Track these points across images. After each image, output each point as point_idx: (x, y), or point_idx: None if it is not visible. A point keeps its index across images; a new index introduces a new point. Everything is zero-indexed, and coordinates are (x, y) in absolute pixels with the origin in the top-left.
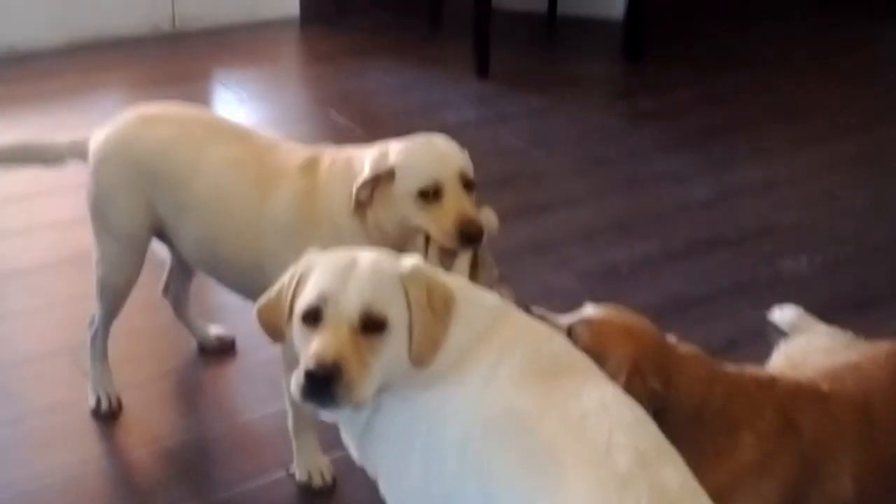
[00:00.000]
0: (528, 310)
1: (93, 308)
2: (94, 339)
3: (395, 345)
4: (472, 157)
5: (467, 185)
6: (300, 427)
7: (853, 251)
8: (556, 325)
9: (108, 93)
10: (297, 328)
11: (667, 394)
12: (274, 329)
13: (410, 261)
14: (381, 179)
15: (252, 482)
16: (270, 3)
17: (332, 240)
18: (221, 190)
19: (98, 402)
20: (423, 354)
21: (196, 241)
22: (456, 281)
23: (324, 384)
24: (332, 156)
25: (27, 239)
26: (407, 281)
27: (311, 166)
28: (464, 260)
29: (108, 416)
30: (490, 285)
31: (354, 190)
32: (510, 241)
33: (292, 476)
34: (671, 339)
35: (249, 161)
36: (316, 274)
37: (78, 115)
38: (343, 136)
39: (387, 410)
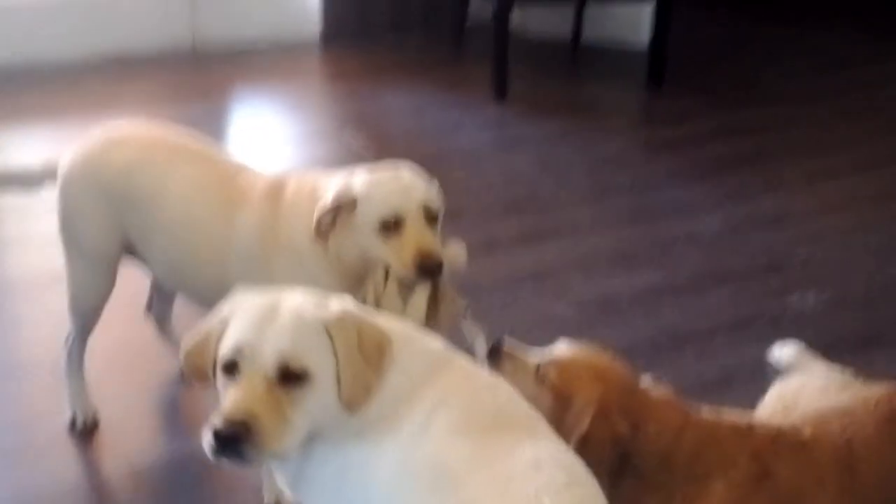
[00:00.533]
0: (499, 343)
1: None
2: (69, 355)
3: (319, 394)
4: (482, 181)
5: (430, 218)
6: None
7: (862, 289)
8: (524, 363)
9: (126, 108)
10: (219, 377)
11: (634, 438)
12: (199, 373)
13: (339, 304)
14: (344, 208)
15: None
16: (292, 23)
17: (294, 267)
18: (186, 214)
19: (74, 417)
20: (353, 401)
21: (163, 263)
22: (396, 325)
23: (232, 442)
24: (297, 182)
25: (21, 250)
26: (332, 327)
27: (275, 192)
28: (422, 293)
29: (83, 433)
30: (453, 319)
31: (315, 217)
32: (511, 268)
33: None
34: (646, 381)
35: (214, 185)
36: (235, 321)
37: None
38: (356, 157)
39: (319, 458)
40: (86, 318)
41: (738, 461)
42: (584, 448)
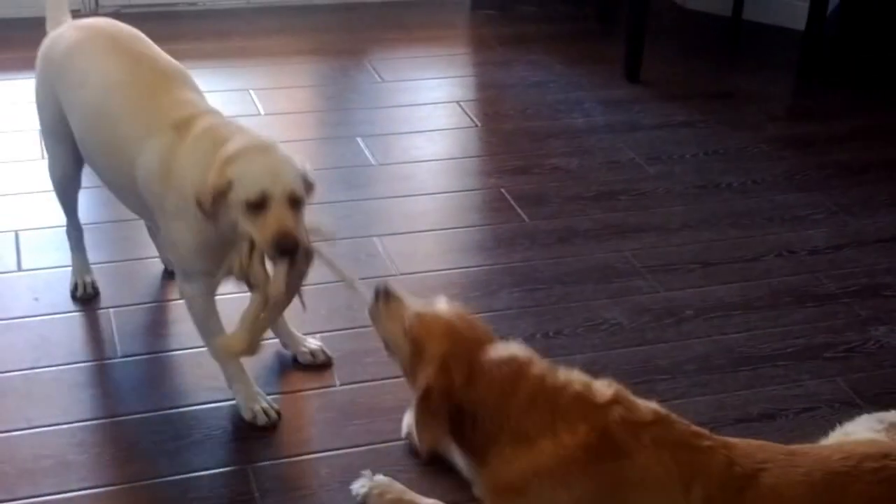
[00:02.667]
0: (388, 285)
1: None
2: (67, 232)
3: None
4: (583, 165)
5: (294, 201)
6: (232, 375)
7: None
8: (401, 309)
9: (268, 59)
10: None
11: (468, 392)
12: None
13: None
14: (220, 191)
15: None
16: None
17: (180, 211)
18: (105, 106)
19: (76, 287)
20: None
21: (79, 140)
22: None
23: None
24: (204, 127)
25: None
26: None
27: (184, 126)
28: (281, 267)
29: (84, 300)
30: (297, 289)
31: (196, 199)
32: (579, 262)
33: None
34: (513, 347)
35: (137, 92)
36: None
37: (242, 75)
38: (458, 132)
39: None
40: (61, 192)
41: (576, 429)
42: (427, 398)
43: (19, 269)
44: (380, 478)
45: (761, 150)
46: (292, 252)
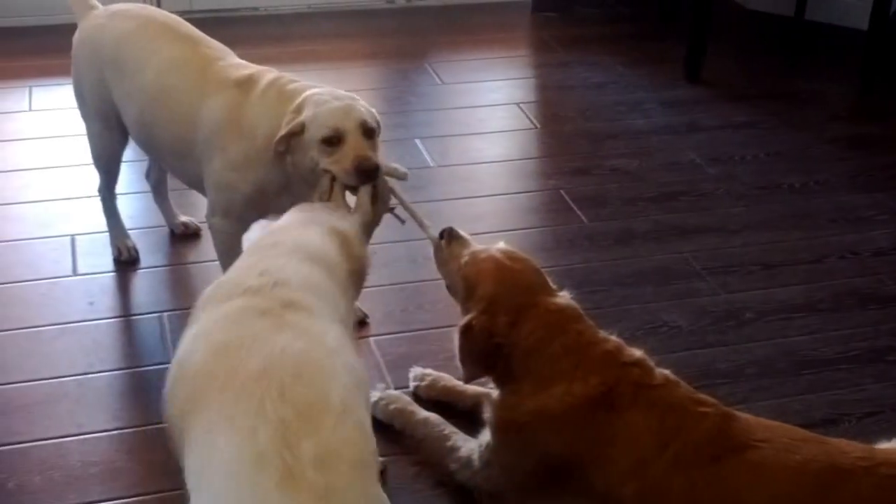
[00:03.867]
0: (453, 229)
1: None
2: (103, 202)
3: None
4: (643, 166)
5: (367, 132)
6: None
7: None
8: (461, 249)
9: (330, 61)
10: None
11: (509, 333)
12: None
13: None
14: (295, 134)
15: None
16: None
17: (248, 160)
18: (161, 87)
19: (119, 252)
20: None
21: (137, 126)
22: None
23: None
24: (269, 81)
25: None
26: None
27: (247, 85)
28: (364, 193)
29: (128, 263)
30: (382, 213)
31: (273, 143)
32: (638, 264)
33: None
34: (564, 299)
35: (192, 66)
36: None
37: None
38: (518, 133)
39: None
40: (105, 168)
41: (589, 380)
42: (467, 334)
43: (75, 273)
44: (390, 391)
45: (824, 150)
46: (372, 175)
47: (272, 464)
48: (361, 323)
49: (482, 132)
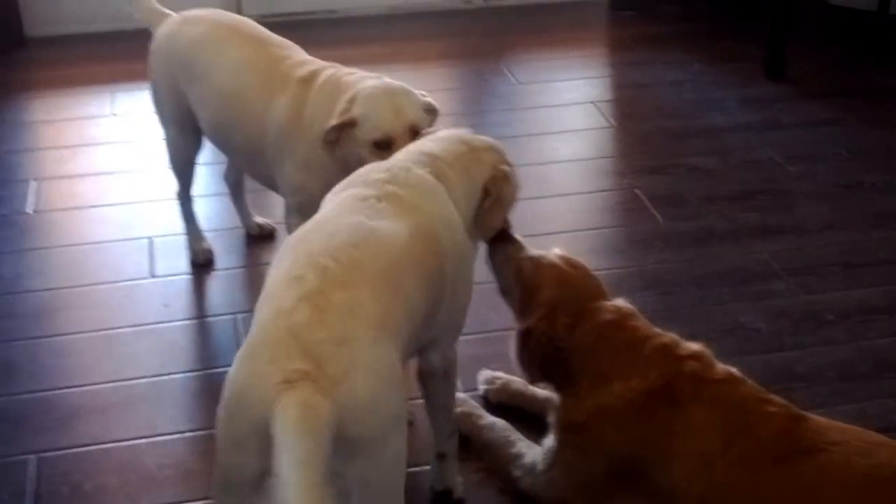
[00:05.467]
0: (509, 228)
1: None
2: (180, 205)
3: None
4: (721, 164)
5: (416, 132)
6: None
7: None
8: (518, 252)
9: (407, 62)
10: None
11: (569, 336)
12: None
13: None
14: (346, 126)
15: None
16: None
17: (310, 151)
18: (233, 88)
19: (195, 255)
20: None
21: (212, 127)
22: None
23: None
24: (327, 76)
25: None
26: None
27: (309, 80)
28: None
29: (204, 265)
30: None
31: (324, 132)
32: (715, 264)
33: None
34: (619, 302)
35: (261, 66)
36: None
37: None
38: (594, 132)
39: None
40: (180, 173)
41: (648, 374)
42: (527, 338)
43: (152, 275)
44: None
45: None
46: None
47: (302, 284)
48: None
49: (557, 131)
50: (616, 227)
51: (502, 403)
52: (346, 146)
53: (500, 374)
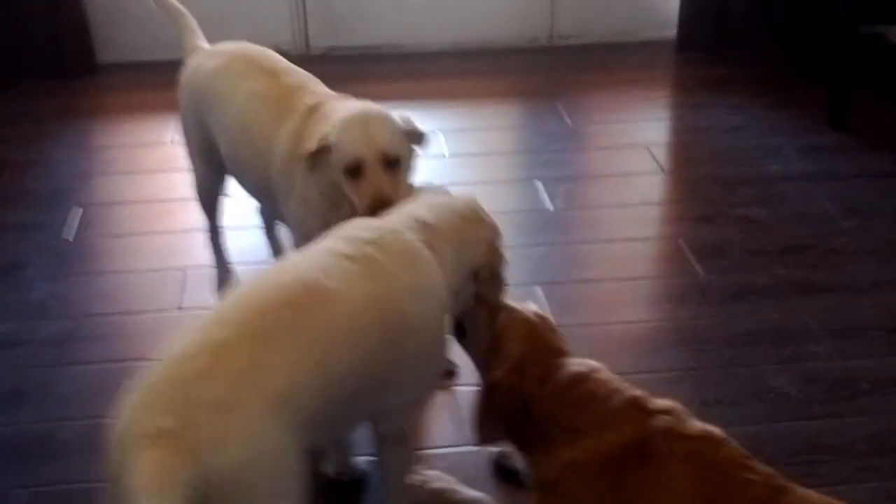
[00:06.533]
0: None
1: None
2: (209, 238)
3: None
4: (772, 215)
5: (388, 162)
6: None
7: None
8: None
9: (474, 98)
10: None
11: (537, 390)
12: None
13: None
14: (322, 152)
15: None
16: (650, 24)
17: (306, 179)
18: (245, 118)
19: (221, 287)
20: None
21: (228, 158)
22: None
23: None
24: (330, 106)
25: None
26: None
27: (313, 109)
28: None
29: None
30: None
31: (302, 157)
32: (751, 322)
33: None
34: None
35: (273, 97)
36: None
37: (435, 116)
38: (643, 177)
39: None
40: (205, 206)
41: (622, 429)
42: (494, 391)
43: (178, 308)
44: (431, 472)
45: None
46: (375, 211)
47: (218, 330)
48: (448, 374)
49: (605, 175)
50: (653, 277)
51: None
52: (324, 173)
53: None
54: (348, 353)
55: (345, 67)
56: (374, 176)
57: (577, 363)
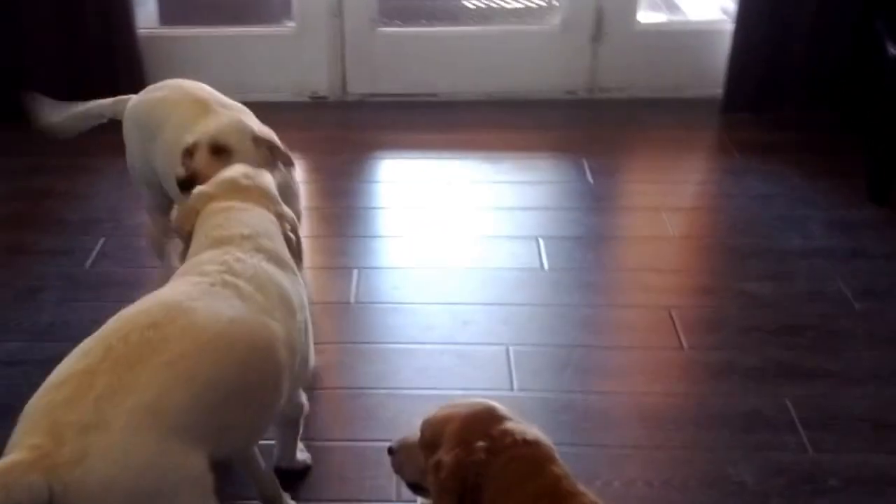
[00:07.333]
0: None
1: None
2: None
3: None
4: (778, 293)
5: (216, 148)
6: None
7: None
8: (412, 443)
9: (487, 150)
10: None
11: (487, 462)
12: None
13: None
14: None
15: None
16: (696, 81)
17: None
18: (171, 146)
19: None
20: None
21: (163, 178)
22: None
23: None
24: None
25: None
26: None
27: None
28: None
29: None
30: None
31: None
32: (726, 404)
33: None
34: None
35: (197, 122)
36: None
37: (453, 167)
38: (649, 242)
39: None
40: (153, 240)
41: None
42: (440, 472)
43: None
44: None
45: None
46: (188, 188)
47: (83, 360)
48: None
49: (610, 237)
50: (633, 348)
51: None
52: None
53: None
54: (221, 366)
55: (378, 114)
56: (199, 155)
57: (524, 441)
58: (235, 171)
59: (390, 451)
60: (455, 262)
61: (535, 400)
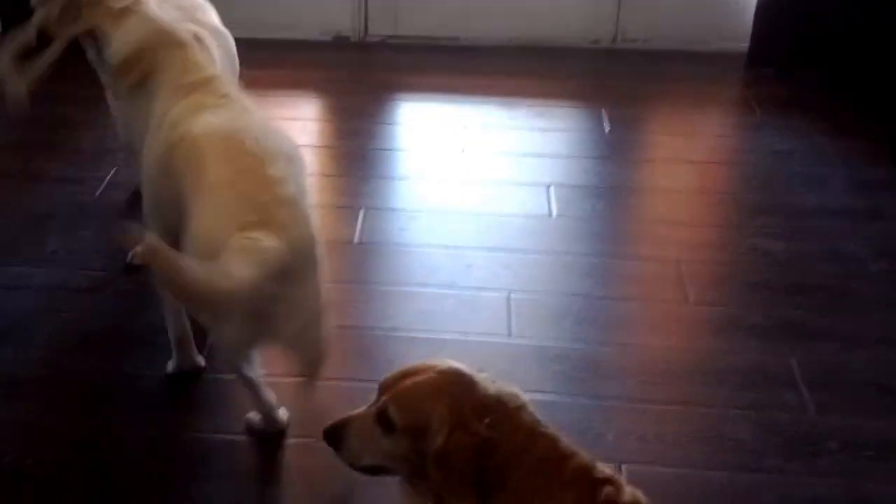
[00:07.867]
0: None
1: None
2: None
3: None
4: (790, 250)
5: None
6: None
7: None
8: (362, 417)
9: (504, 96)
10: None
11: (495, 435)
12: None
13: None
14: None
15: None
16: (722, 34)
17: None
18: None
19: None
20: None
21: None
22: None
23: None
24: None
25: None
26: None
27: None
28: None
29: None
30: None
31: None
32: (725, 361)
33: None
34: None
35: None
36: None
37: (468, 111)
38: (662, 194)
39: None
40: None
41: (564, 497)
42: (446, 463)
43: None
44: None
45: None
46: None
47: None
48: None
49: (620, 188)
50: (637, 299)
51: None
52: None
53: None
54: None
55: (399, 56)
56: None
57: (502, 396)
58: None
59: (330, 441)
60: (463, 207)
61: (530, 348)
